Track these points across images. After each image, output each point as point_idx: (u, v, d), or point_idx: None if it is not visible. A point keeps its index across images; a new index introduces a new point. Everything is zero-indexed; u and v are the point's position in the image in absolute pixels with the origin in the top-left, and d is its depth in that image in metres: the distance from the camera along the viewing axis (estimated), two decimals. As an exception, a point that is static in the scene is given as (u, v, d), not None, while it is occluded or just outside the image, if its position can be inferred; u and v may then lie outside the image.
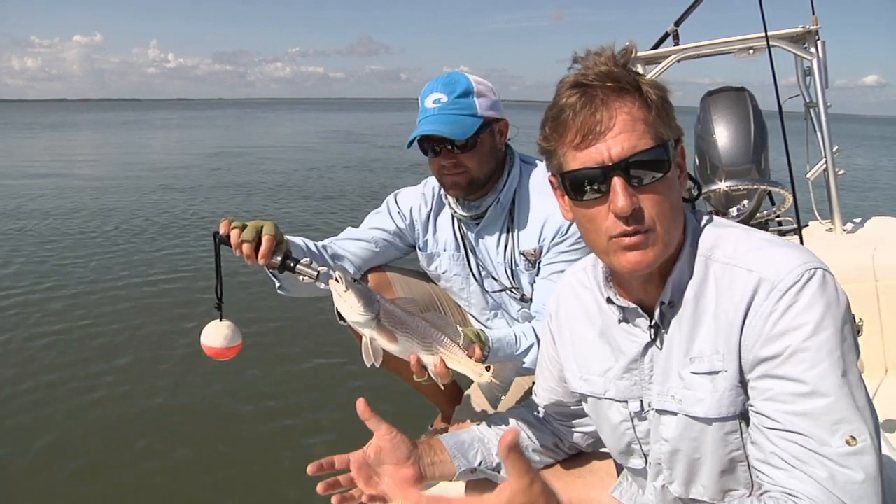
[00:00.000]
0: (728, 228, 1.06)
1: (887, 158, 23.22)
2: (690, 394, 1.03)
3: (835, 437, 0.89)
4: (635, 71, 1.02)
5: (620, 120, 0.97)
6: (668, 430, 1.08)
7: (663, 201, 0.99)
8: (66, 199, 10.57)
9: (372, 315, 1.31)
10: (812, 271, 0.93)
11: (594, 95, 0.98)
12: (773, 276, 0.94)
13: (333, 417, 3.34)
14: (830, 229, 3.12)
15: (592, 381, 1.19)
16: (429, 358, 1.36)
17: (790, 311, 0.92)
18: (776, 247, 0.99)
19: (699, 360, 1.02)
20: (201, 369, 3.79)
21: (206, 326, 1.62)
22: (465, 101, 1.82)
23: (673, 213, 1.00)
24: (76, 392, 3.65)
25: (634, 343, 1.11)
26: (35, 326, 4.66)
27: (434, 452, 1.29)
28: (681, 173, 1.05)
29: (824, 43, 3.05)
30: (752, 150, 2.99)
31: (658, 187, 0.98)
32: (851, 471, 0.88)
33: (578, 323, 1.22)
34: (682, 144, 1.05)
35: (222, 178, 14.02)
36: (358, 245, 2.07)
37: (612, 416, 1.17)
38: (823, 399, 0.90)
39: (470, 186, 1.89)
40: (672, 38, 3.36)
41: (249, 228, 1.53)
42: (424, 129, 1.80)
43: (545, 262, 1.90)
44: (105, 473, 2.88)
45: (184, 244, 7.39)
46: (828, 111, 3.05)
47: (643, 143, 0.97)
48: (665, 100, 1.00)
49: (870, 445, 0.89)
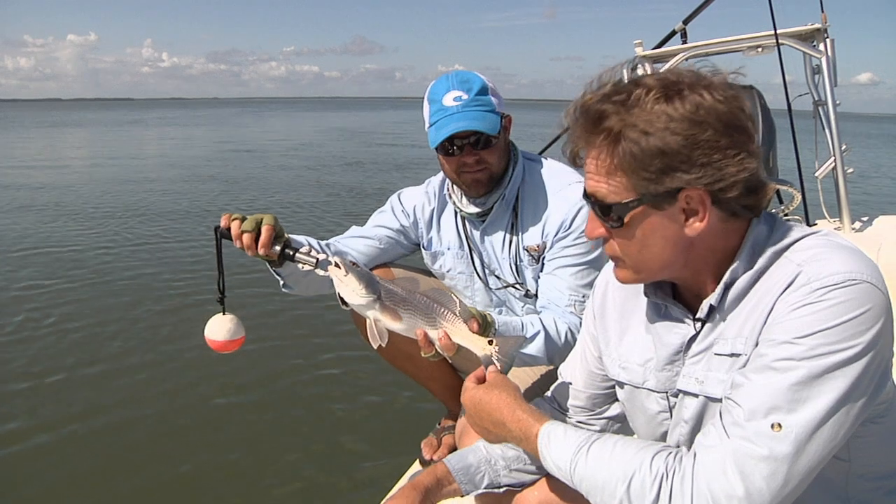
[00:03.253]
0: (804, 230, 1.02)
1: (887, 156, 23.31)
2: (712, 375, 1.03)
3: (765, 419, 0.90)
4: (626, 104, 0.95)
5: (590, 159, 1.00)
6: (689, 410, 1.08)
7: (627, 245, 1.02)
8: (71, 196, 10.62)
9: (374, 296, 1.33)
10: (855, 281, 0.90)
11: (575, 129, 1.01)
12: (813, 273, 0.92)
13: (337, 412, 3.35)
14: (839, 228, 3.10)
15: (632, 370, 1.19)
16: (433, 332, 1.36)
17: (809, 307, 0.90)
18: (840, 250, 0.95)
19: (723, 342, 1.01)
20: (204, 362, 3.79)
21: (210, 320, 1.65)
22: (485, 98, 1.83)
23: (645, 253, 1.02)
24: (76, 387, 3.64)
25: (678, 335, 1.09)
26: (34, 320, 4.66)
27: (442, 485, 1.31)
28: (696, 216, 0.98)
29: (833, 41, 3.03)
30: (761, 148, 2.96)
31: (622, 233, 1.01)
32: (756, 446, 0.89)
33: (626, 310, 1.22)
34: (699, 190, 0.95)
35: (222, 176, 14.08)
36: (363, 242, 2.08)
37: (650, 406, 1.17)
38: (777, 383, 0.90)
39: (490, 182, 1.90)
40: (680, 36, 3.34)
41: (249, 220, 1.56)
42: (456, 125, 1.78)
43: (549, 257, 1.90)
44: (108, 472, 2.87)
45: (186, 239, 7.43)
46: (837, 109, 3.03)
47: (605, 193, 0.99)
48: (657, 149, 0.92)
49: (793, 438, 0.88)
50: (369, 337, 1.37)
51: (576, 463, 1.03)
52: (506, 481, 1.32)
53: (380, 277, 1.38)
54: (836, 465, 0.97)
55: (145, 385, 3.68)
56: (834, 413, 0.89)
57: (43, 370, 3.83)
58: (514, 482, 1.32)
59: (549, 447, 1.08)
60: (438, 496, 1.29)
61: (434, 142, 1.82)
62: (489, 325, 1.55)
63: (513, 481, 1.32)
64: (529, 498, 1.26)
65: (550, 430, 1.09)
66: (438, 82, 1.88)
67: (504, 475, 1.32)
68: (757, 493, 0.88)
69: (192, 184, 12.67)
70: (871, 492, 1.05)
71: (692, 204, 0.97)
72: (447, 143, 1.82)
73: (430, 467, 1.34)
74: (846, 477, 1.04)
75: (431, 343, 1.38)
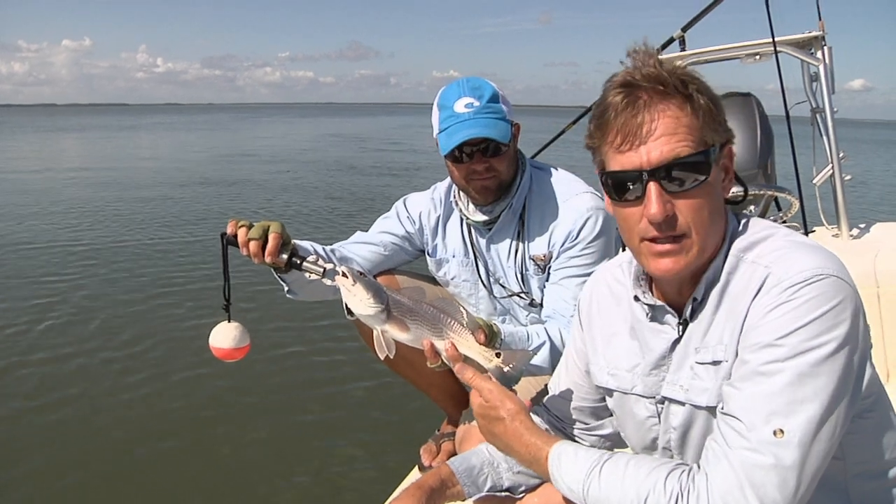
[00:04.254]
0: (768, 230, 1.05)
1: (882, 162, 23.41)
2: (697, 383, 1.04)
3: (766, 427, 0.90)
4: (685, 73, 1.00)
5: (662, 124, 0.97)
6: (676, 418, 1.09)
7: (701, 207, 0.99)
8: (78, 201, 10.65)
9: (382, 306, 1.31)
10: (822, 276, 0.92)
11: (638, 97, 0.98)
12: (781, 273, 0.95)
13: (337, 417, 3.35)
14: (837, 235, 3.11)
15: (620, 377, 1.19)
16: (440, 343, 1.35)
17: (782, 307, 0.92)
18: (803, 249, 0.98)
19: (705, 351, 1.03)
20: (209, 371, 3.78)
21: (215, 328, 1.62)
22: (496, 106, 1.82)
23: (711, 218, 1.00)
24: (81, 395, 3.64)
25: (663, 339, 1.11)
26: (37, 331, 4.64)
27: (446, 486, 1.30)
28: (726, 176, 1.05)
29: (831, 48, 3.05)
30: (759, 155, 2.99)
31: (697, 193, 0.98)
32: (762, 455, 0.90)
33: (610, 317, 1.23)
34: (731, 146, 1.05)
35: (224, 181, 14.11)
36: (367, 248, 2.07)
37: (639, 412, 1.17)
38: (768, 388, 0.91)
39: (498, 190, 1.88)
40: (678, 43, 3.36)
41: (256, 227, 1.54)
42: (468, 132, 1.77)
43: (555, 266, 1.89)
44: (107, 476, 2.87)
45: (191, 246, 7.44)
46: (834, 116, 3.05)
47: (684, 148, 0.97)
48: (714, 103, 1.00)
49: (796, 442, 0.89)
50: (376, 348, 1.36)
51: (588, 485, 1.03)
52: (508, 483, 1.32)
53: (386, 287, 1.37)
54: (833, 464, 0.97)
55: (146, 394, 3.67)
56: (829, 408, 0.91)
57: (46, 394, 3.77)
58: (516, 484, 1.32)
59: (561, 470, 1.08)
60: (442, 498, 1.28)
61: (445, 148, 1.80)
62: (495, 335, 1.55)
63: (515, 483, 1.32)
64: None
65: (560, 453, 1.09)
66: (449, 88, 1.87)
67: (507, 477, 1.32)
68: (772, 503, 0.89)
69: (192, 189, 12.74)
70: (872, 493, 1.06)
71: (726, 161, 1.04)
72: (457, 149, 1.81)
73: (435, 469, 1.34)
74: (845, 478, 1.05)
75: (438, 354, 1.37)
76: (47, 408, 3.50)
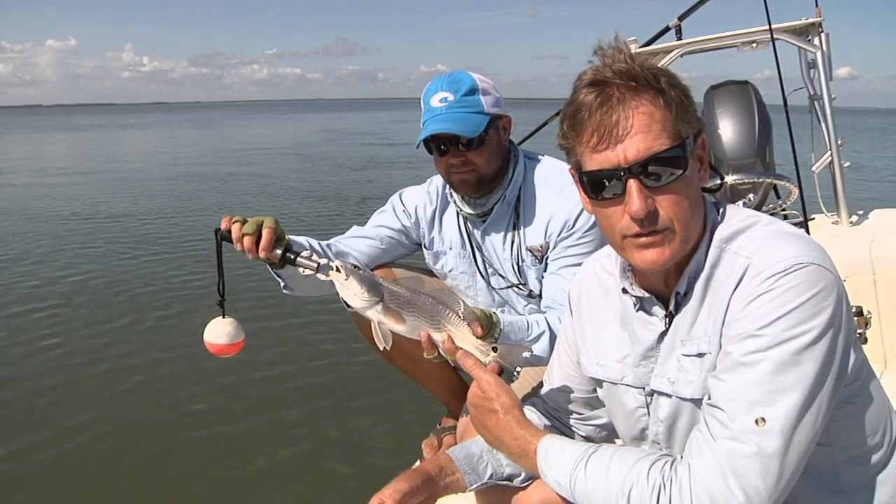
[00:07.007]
0: (749, 219, 1.05)
1: (868, 150, 23.55)
2: (682, 376, 1.05)
3: (748, 416, 0.91)
4: (654, 67, 1.01)
5: (637, 121, 0.97)
6: (664, 410, 1.10)
7: (681, 200, 0.99)
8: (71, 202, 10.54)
9: (376, 299, 1.32)
10: (802, 265, 0.92)
11: (610, 94, 0.98)
12: (761, 264, 0.95)
13: (337, 413, 3.31)
14: (836, 222, 3.11)
15: (609, 367, 1.20)
16: (437, 335, 1.35)
17: (762, 297, 0.93)
18: (784, 238, 0.98)
19: (690, 343, 1.04)
20: (203, 366, 3.75)
21: (209, 324, 1.63)
22: (472, 99, 1.83)
23: (692, 210, 1.01)
24: (74, 392, 3.61)
25: (651, 331, 1.11)
26: (32, 326, 4.62)
27: (445, 473, 1.29)
28: (701, 166, 1.06)
29: (828, 35, 3.04)
30: (757, 143, 2.99)
31: (675, 186, 0.99)
32: (744, 444, 0.90)
33: (600, 308, 1.24)
34: (704, 136, 1.05)
35: (216, 177, 14.07)
36: (364, 242, 2.07)
37: (628, 402, 1.18)
38: (750, 378, 0.91)
39: (479, 183, 1.89)
40: (675, 32, 3.34)
41: (250, 223, 1.55)
42: (434, 128, 1.80)
43: (553, 256, 1.89)
44: (105, 474, 2.84)
45: (184, 241, 7.40)
46: (832, 103, 3.03)
47: (659, 143, 0.97)
48: (685, 95, 1.00)
49: (778, 430, 0.90)
50: (375, 339, 1.36)
51: (574, 479, 1.04)
52: (509, 471, 1.31)
53: (383, 278, 1.37)
54: (821, 451, 0.98)
55: (140, 389, 3.64)
56: (811, 396, 0.91)
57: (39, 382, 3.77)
58: (516, 472, 1.31)
59: (548, 464, 1.09)
60: (441, 484, 1.28)
61: (417, 143, 1.85)
62: (494, 325, 1.53)
63: (516, 471, 1.30)
64: (531, 496, 1.23)
65: (548, 447, 1.10)
66: (432, 83, 1.90)
67: (507, 464, 1.31)
68: (755, 493, 0.89)
69: (185, 185, 12.66)
70: (861, 478, 1.06)
71: (700, 151, 1.04)
72: (432, 144, 1.84)
73: (434, 456, 1.35)
74: (833, 464, 1.05)
75: (435, 346, 1.36)
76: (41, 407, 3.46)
